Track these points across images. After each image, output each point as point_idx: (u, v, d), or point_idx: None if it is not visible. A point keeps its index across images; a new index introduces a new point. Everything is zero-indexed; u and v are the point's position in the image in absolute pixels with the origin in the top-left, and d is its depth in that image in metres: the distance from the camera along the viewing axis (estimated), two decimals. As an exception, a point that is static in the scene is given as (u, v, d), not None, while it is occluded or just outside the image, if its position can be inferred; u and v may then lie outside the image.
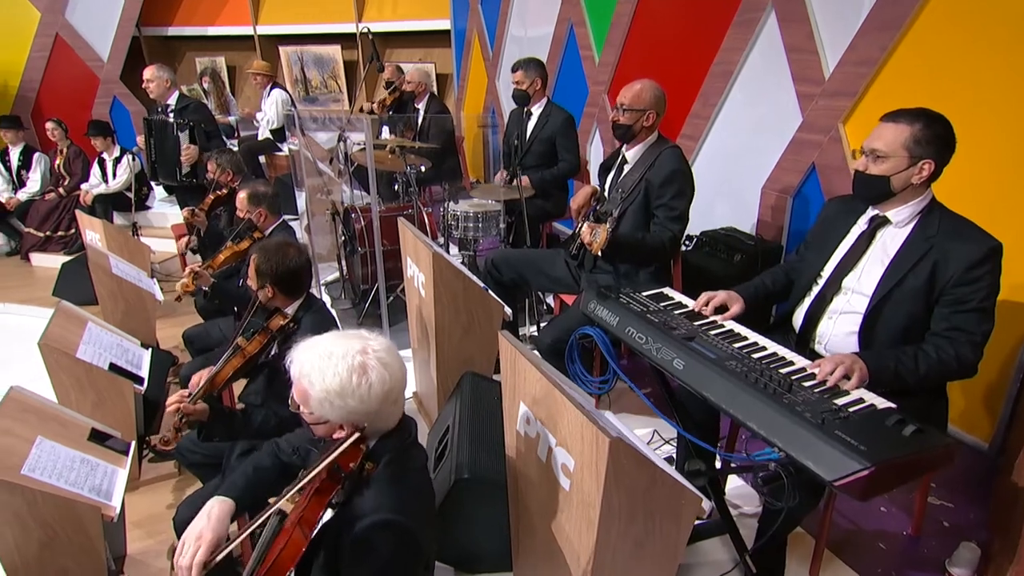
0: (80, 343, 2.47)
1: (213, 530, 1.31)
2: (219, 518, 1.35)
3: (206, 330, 2.99)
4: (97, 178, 5.48)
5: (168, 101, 4.21)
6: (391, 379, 1.27)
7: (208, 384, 1.89)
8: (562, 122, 3.48)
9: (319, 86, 7.35)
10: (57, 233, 5.45)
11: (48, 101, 6.46)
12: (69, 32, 6.36)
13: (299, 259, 2.01)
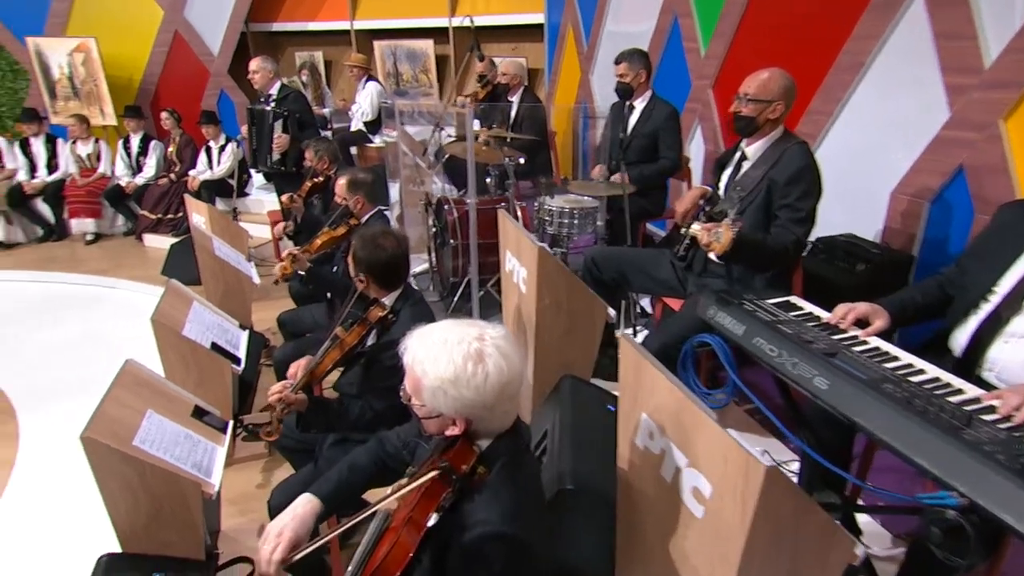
0: (186, 321, 2.55)
1: (294, 530, 1.30)
2: (303, 518, 1.34)
3: (299, 315, 3.04)
4: (203, 165, 5.77)
5: (270, 91, 4.36)
6: (508, 370, 1.18)
7: (308, 375, 1.87)
8: (666, 117, 3.30)
9: (410, 80, 7.45)
10: (167, 216, 5.79)
11: (165, 92, 6.89)
12: (186, 29, 6.75)
13: (395, 250, 1.97)
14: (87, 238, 5.86)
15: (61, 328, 4.41)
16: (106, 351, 4.05)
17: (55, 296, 4.98)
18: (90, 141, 5.96)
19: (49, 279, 5.23)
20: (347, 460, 1.52)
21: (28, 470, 2.90)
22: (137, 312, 4.69)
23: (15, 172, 5.84)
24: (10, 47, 6.35)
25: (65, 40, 6.11)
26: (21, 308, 4.75)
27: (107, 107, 6.23)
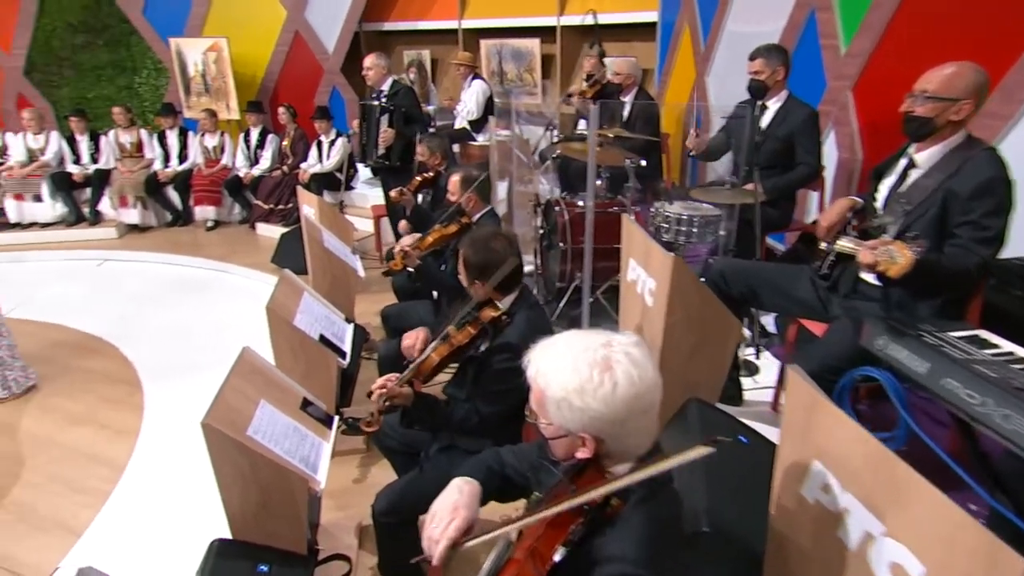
0: (297, 311, 2.57)
1: (468, 507, 1.21)
2: (472, 495, 1.26)
3: (404, 311, 3.01)
4: (314, 158, 5.99)
5: (382, 87, 4.41)
6: (640, 380, 1.04)
7: (415, 370, 1.80)
8: (804, 119, 2.99)
9: (514, 79, 7.41)
10: (278, 206, 6.06)
11: (283, 89, 7.25)
12: (306, 28, 7.06)
13: (508, 252, 1.85)
14: (207, 225, 6.24)
15: (182, 308, 4.69)
16: (219, 333, 4.26)
17: (178, 277, 5.33)
18: (216, 134, 6.35)
19: (174, 261, 5.60)
20: (482, 460, 1.41)
21: (151, 441, 3.06)
22: (247, 297, 4.94)
23: (152, 161, 6.33)
24: (155, 48, 6.90)
25: (201, 40, 6.56)
26: (149, 287, 5.11)
27: (232, 102, 6.63)
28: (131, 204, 6.05)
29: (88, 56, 6.91)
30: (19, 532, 2.49)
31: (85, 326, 4.33)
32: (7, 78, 6.78)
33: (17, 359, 3.39)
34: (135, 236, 6.11)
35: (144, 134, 6.33)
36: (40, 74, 6.88)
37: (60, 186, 5.97)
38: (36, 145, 6.04)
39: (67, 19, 6.73)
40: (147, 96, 7.13)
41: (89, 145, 6.17)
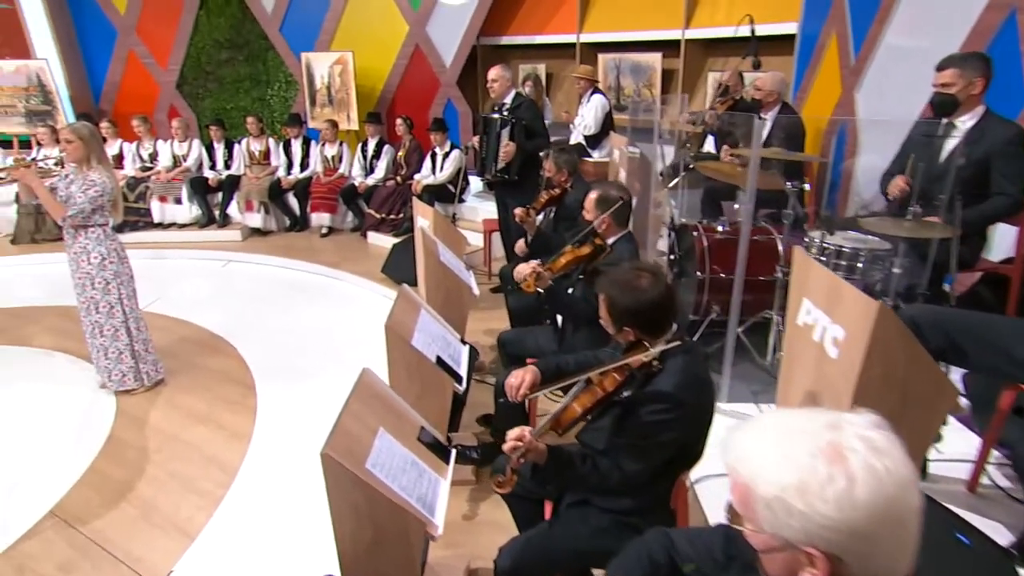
0: (415, 330, 2.46)
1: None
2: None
3: (522, 337, 2.83)
4: (427, 170, 6.03)
5: (505, 100, 4.31)
6: (888, 475, 0.76)
7: (552, 421, 1.58)
8: (1006, 140, 2.51)
9: (631, 94, 7.14)
10: (390, 216, 6.15)
11: (400, 101, 7.42)
12: (426, 42, 7.20)
13: (658, 288, 1.59)
14: (322, 231, 6.45)
15: (294, 311, 4.81)
16: (327, 339, 4.30)
17: (293, 281, 5.50)
18: (336, 144, 6.57)
19: (289, 265, 5.81)
20: (656, 540, 1.17)
21: (262, 446, 3.06)
22: (356, 304, 5.00)
23: (276, 169, 6.65)
24: (288, 62, 7.30)
25: (329, 54, 6.85)
26: (266, 289, 5.31)
27: (353, 113, 6.85)
28: (255, 208, 6.37)
29: (230, 70, 7.42)
30: (140, 529, 2.54)
31: (209, 323, 4.53)
32: (162, 91, 7.42)
33: (150, 353, 3.55)
34: (256, 239, 6.42)
35: (272, 143, 6.67)
36: (189, 87, 7.47)
37: (197, 190, 6.40)
38: (180, 152, 6.52)
39: (215, 37, 7.27)
40: (277, 107, 7.55)
41: (224, 152, 6.58)
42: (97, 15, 7.22)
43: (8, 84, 6.61)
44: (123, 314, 3.38)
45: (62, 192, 3.18)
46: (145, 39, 7.28)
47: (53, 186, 3.23)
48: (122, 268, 3.37)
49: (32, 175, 3.05)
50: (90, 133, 3.19)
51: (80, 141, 3.15)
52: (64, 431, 3.21)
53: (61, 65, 6.92)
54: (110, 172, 3.26)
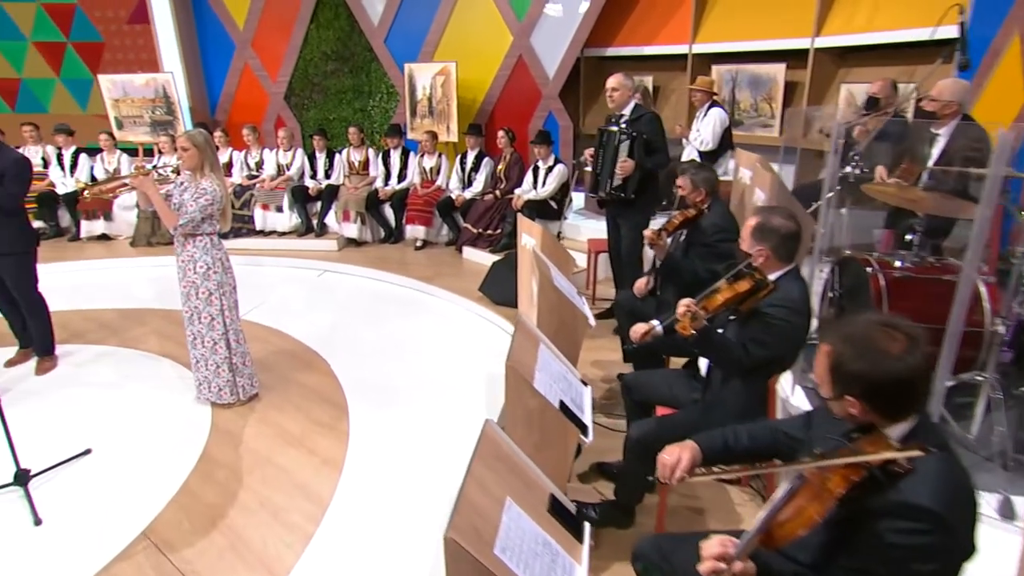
0: (536, 369, 2.14)
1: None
2: None
3: (650, 380, 2.45)
4: (528, 184, 5.77)
5: (623, 111, 3.96)
6: None
7: (760, 534, 1.19)
8: None
9: (747, 109, 6.59)
10: (487, 231, 5.93)
11: (500, 113, 7.24)
12: (529, 53, 6.99)
13: (913, 358, 1.16)
14: (416, 244, 6.33)
15: (387, 326, 4.65)
16: (420, 358, 4.09)
17: (386, 294, 5.38)
18: (434, 156, 6.46)
19: (383, 278, 5.70)
20: None
21: (354, 478, 2.85)
22: (449, 322, 4.79)
23: (375, 179, 6.62)
24: (391, 73, 7.32)
25: (432, 65, 6.78)
26: (359, 302, 5.20)
27: (453, 125, 6.72)
28: (352, 219, 6.35)
29: (335, 81, 7.54)
30: (228, 563, 2.36)
31: (303, 335, 4.44)
32: (271, 102, 7.64)
33: (247, 367, 3.45)
34: (352, 250, 6.39)
35: (371, 153, 6.66)
36: (296, 98, 7.66)
37: (297, 198, 6.47)
38: (284, 161, 6.63)
39: (323, 49, 7.41)
40: (377, 118, 7.58)
41: (325, 162, 6.64)
42: (219, 30, 7.55)
43: (138, 96, 7.00)
44: (223, 326, 3.30)
45: (175, 199, 3.14)
46: (259, 52, 7.54)
47: (168, 193, 3.20)
48: (225, 279, 3.29)
49: (149, 183, 3.02)
50: (204, 140, 3.13)
51: (195, 149, 3.09)
52: (162, 441, 3.14)
53: (184, 78, 7.27)
54: (221, 180, 3.20)
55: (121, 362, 4.03)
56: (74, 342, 4.33)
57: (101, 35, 7.45)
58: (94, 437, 3.14)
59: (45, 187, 6.74)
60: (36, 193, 6.62)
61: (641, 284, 3.00)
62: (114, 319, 4.81)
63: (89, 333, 4.52)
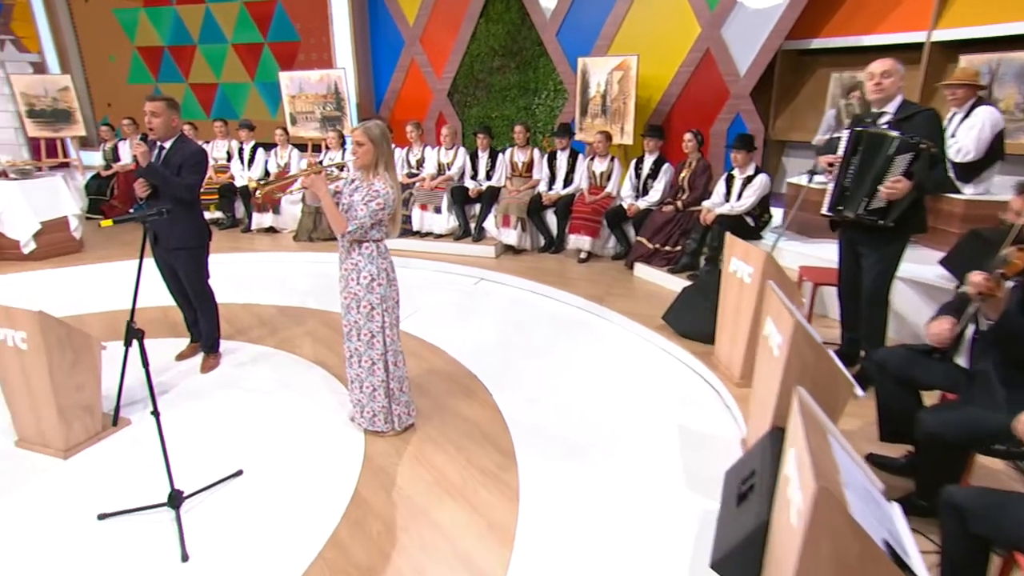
0: (842, 485, 1.40)
1: None
2: None
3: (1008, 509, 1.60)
4: (720, 196, 4.94)
5: (886, 108, 3.04)
6: None
7: None
8: None
9: (1012, 109, 5.21)
10: (664, 247, 5.18)
11: (679, 113, 6.46)
12: (718, 46, 6.13)
13: None
14: (580, 256, 5.74)
15: (553, 351, 4.09)
16: (596, 396, 3.47)
17: (548, 311, 4.84)
18: (606, 159, 5.83)
19: (544, 292, 5.17)
20: None
21: (527, 556, 2.28)
22: (626, 353, 4.12)
23: (538, 183, 6.14)
24: (560, 69, 6.81)
25: (610, 59, 6.16)
26: (519, 317, 4.70)
27: (628, 125, 6.06)
28: (512, 224, 5.90)
29: (500, 78, 7.19)
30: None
31: (458, 351, 4.03)
32: (435, 99, 7.48)
33: (404, 393, 3.04)
34: (509, 258, 5.95)
35: (536, 154, 6.18)
36: (459, 95, 7.43)
37: (456, 199, 6.16)
38: (446, 159, 6.36)
39: (491, 44, 7.09)
40: (541, 116, 7.12)
41: (487, 162, 6.27)
42: (389, 27, 7.53)
43: (312, 92, 7.14)
44: (383, 345, 2.90)
45: (344, 200, 2.79)
46: (427, 48, 7.40)
47: (337, 190, 2.87)
48: (389, 292, 2.89)
49: (321, 182, 2.69)
50: (381, 134, 2.75)
51: (370, 144, 2.72)
52: (313, 469, 2.81)
53: (354, 74, 7.31)
54: (395, 181, 2.80)
55: (277, 367, 3.85)
56: (237, 339, 4.26)
57: (299, 34, 7.66)
58: (245, 455, 2.89)
59: (226, 179, 7.07)
60: (218, 185, 6.97)
61: (945, 329, 2.13)
62: (274, 316, 4.73)
63: (251, 330, 4.44)
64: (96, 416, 2.96)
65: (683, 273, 4.89)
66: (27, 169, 5.89)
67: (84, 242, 6.29)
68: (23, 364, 2.73)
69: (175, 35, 7.91)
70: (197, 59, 8.10)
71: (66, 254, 6.02)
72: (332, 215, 2.71)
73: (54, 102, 8.37)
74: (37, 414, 2.82)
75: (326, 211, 2.72)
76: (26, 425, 2.89)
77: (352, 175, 2.90)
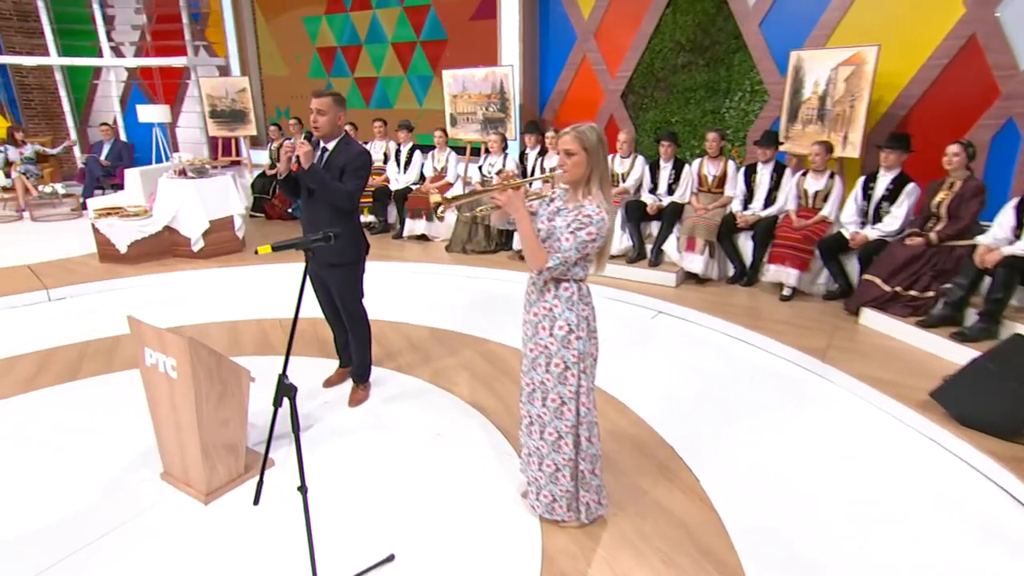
0: None
1: None
2: None
3: None
4: (1004, 229, 3.79)
5: None
6: None
7: None
8: None
9: None
10: (908, 292, 4.11)
11: (917, 119, 5.26)
12: (990, 32, 4.87)
13: None
14: (783, 292, 4.80)
15: (764, 416, 3.28)
16: (837, 495, 2.61)
17: (747, 361, 4.01)
18: (823, 175, 4.85)
19: (739, 335, 4.33)
20: None
21: None
22: (863, 431, 3.15)
23: (729, 200, 5.30)
24: (761, 66, 5.89)
25: (837, 51, 5.14)
26: (713, 368, 3.90)
27: (855, 134, 4.99)
28: (699, 249, 5.10)
29: (684, 77, 6.40)
30: None
31: (644, 408, 3.35)
32: (606, 101, 6.86)
33: (596, 475, 2.41)
34: (692, 288, 5.16)
35: (732, 167, 5.32)
36: (635, 96, 6.75)
37: (632, 216, 5.48)
38: (621, 169, 5.71)
39: (677, 38, 6.33)
40: (731, 123, 6.22)
41: (670, 174, 5.52)
42: (561, 21, 7.03)
43: (475, 91, 6.84)
44: (575, 416, 2.30)
45: (541, 225, 2.23)
46: (601, 44, 6.79)
47: (531, 210, 2.31)
48: (588, 347, 2.29)
49: (519, 201, 2.14)
50: (598, 141, 2.15)
51: (584, 153, 2.13)
52: (476, 562, 2.27)
53: (520, 73, 6.90)
54: (610, 203, 2.18)
55: (429, 407, 3.41)
56: (387, 364, 3.92)
57: (446, 33, 7.56)
58: (397, 531, 2.42)
59: (381, 182, 6.98)
60: (372, 188, 6.88)
61: None
62: (425, 339, 4.36)
63: (401, 354, 4.09)
64: (239, 455, 2.67)
65: (939, 328, 3.81)
66: (203, 168, 6.12)
67: (246, 241, 6.46)
68: (172, 393, 2.48)
69: (347, 36, 8.35)
70: (363, 57, 8.37)
71: (229, 253, 6.18)
72: (530, 246, 2.15)
73: (232, 103, 8.92)
74: (182, 448, 2.57)
75: (523, 240, 2.17)
76: (171, 457, 2.67)
77: (552, 193, 2.33)
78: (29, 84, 10.42)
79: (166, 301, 5.21)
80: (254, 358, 4.03)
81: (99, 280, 5.49)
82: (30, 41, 10.06)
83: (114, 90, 10.03)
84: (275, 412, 2.07)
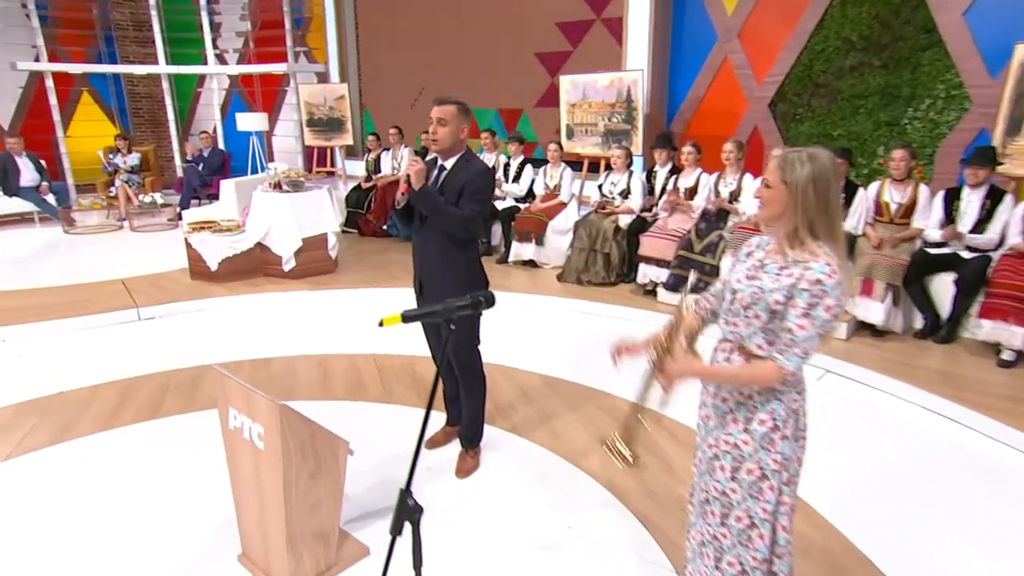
0: None
1: None
2: None
3: None
4: None
5: None
6: None
7: None
8: None
9: None
10: None
11: None
12: None
13: None
14: (1002, 356, 4.00)
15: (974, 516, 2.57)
16: None
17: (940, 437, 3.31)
18: (1057, 205, 4.01)
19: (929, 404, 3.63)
20: None
21: None
22: None
23: (919, 233, 4.53)
24: (962, 65, 5.08)
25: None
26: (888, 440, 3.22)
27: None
28: (878, 295, 4.38)
29: (853, 82, 5.69)
30: None
31: (822, 501, 2.76)
32: (750, 110, 6.25)
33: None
34: (867, 340, 4.45)
35: (925, 192, 4.57)
36: (786, 105, 6.09)
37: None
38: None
39: (845, 35, 5.65)
40: (915, 135, 5.43)
41: (839, 199, 4.83)
42: (699, 19, 6.50)
43: (598, 99, 6.43)
44: (768, 543, 1.79)
45: (739, 284, 1.75)
46: (747, 44, 6.20)
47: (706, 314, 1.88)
48: (795, 450, 1.78)
49: (690, 363, 1.76)
50: (825, 169, 1.64)
51: (783, 188, 1.64)
52: None
53: (648, 79, 6.43)
54: (842, 254, 1.67)
55: (554, 486, 2.97)
56: (498, 421, 3.53)
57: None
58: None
59: (486, 200, 6.71)
60: (477, 206, 6.62)
61: None
62: (538, 388, 3.96)
63: (512, 408, 3.70)
64: (330, 545, 2.34)
65: None
66: (299, 181, 6.09)
67: (338, 261, 6.36)
68: (257, 467, 2.19)
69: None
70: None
71: (321, 274, 6.09)
72: (745, 381, 1.72)
73: (330, 111, 9.04)
74: (264, 531, 2.28)
75: (731, 382, 1.71)
76: (251, 538, 2.38)
77: (750, 246, 1.84)
78: (139, 93, 11.15)
79: (253, 326, 5.13)
80: (345, 403, 3.79)
81: (188, 300, 5.52)
82: (143, 50, 10.75)
83: (215, 98, 10.51)
84: (392, 541, 1.67)
